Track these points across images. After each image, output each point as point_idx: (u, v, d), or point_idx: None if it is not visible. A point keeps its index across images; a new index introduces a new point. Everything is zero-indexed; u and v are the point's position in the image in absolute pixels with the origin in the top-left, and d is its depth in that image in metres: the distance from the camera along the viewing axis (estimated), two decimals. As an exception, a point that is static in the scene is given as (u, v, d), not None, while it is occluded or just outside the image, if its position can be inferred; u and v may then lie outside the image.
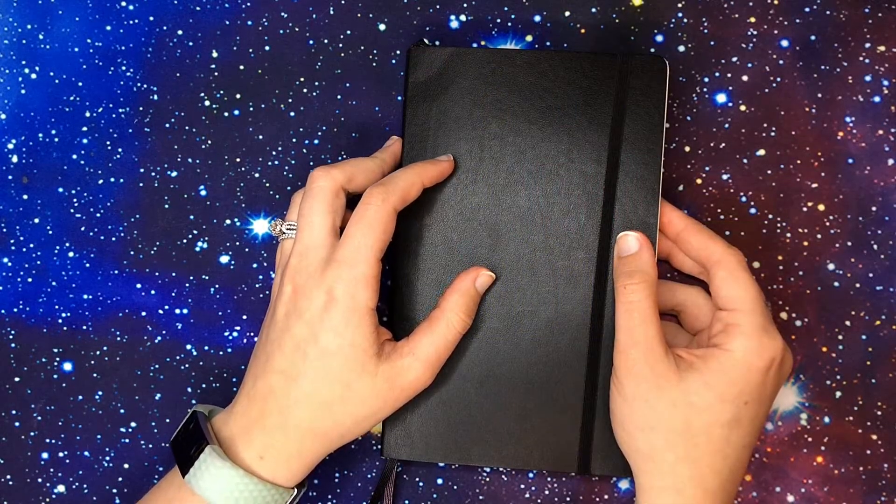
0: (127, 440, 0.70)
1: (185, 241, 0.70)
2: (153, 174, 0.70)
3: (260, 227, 0.70)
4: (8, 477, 0.70)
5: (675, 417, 0.60)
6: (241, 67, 0.71)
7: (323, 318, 0.60)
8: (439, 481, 0.70)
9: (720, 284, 0.62)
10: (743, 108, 0.70)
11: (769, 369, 0.60)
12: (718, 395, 0.59)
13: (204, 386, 0.70)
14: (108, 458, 0.70)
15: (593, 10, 0.70)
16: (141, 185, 0.70)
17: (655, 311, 0.61)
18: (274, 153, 0.70)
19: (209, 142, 0.70)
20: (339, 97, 0.70)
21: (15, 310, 0.70)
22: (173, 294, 0.70)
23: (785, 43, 0.70)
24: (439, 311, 0.63)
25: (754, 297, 0.61)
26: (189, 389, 0.70)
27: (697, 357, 0.61)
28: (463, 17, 0.70)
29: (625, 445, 0.62)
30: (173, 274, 0.70)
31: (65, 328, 0.70)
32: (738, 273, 0.62)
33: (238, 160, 0.70)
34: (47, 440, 0.70)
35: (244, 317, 0.70)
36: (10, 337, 0.70)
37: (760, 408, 0.61)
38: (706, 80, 0.70)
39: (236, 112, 0.71)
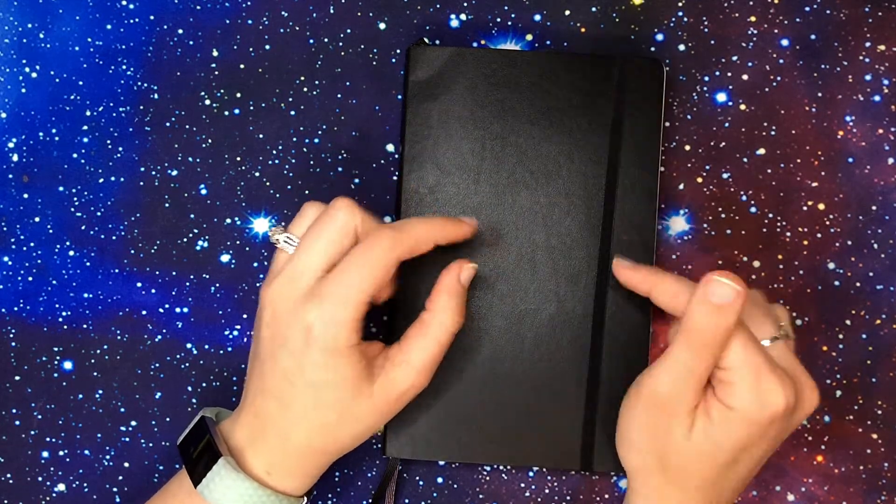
0: (127, 439, 0.70)
1: (185, 239, 0.70)
2: (153, 173, 0.70)
3: (260, 225, 0.70)
4: (8, 475, 0.70)
5: (670, 454, 0.59)
6: (242, 66, 0.71)
7: (305, 353, 0.57)
8: (439, 480, 0.70)
9: None
10: (743, 107, 0.70)
11: (773, 421, 0.57)
12: (715, 444, 0.58)
13: (204, 385, 0.70)
14: (108, 457, 0.70)
15: (593, 9, 0.70)
16: (141, 183, 0.70)
17: (711, 368, 0.57)
18: (274, 152, 0.70)
19: (209, 141, 0.70)
20: (339, 96, 0.70)
21: (15, 308, 0.70)
22: (174, 293, 0.70)
23: (785, 42, 0.70)
24: (429, 314, 0.60)
25: (741, 351, 0.57)
26: (189, 388, 0.70)
27: (705, 405, 0.58)
28: (463, 17, 0.70)
29: (621, 449, 0.62)
30: (174, 273, 0.70)
31: (65, 327, 0.70)
32: None
33: (238, 159, 0.70)
34: (47, 439, 0.70)
35: (244, 316, 0.70)
36: (11, 336, 0.70)
37: (762, 448, 0.59)
38: (706, 78, 0.70)
39: (237, 111, 0.71)
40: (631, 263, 0.63)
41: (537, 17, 0.70)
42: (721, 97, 0.70)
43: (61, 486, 0.70)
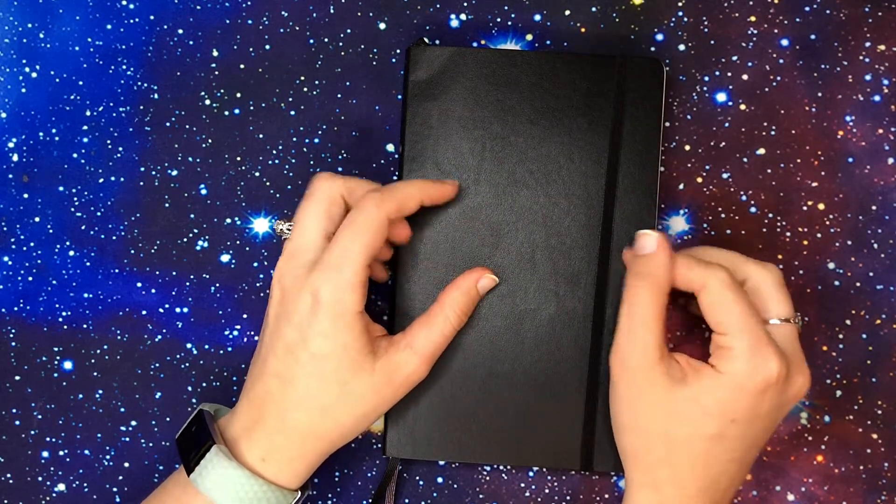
0: (127, 439, 0.70)
1: (185, 239, 0.70)
2: (153, 173, 0.70)
3: (260, 225, 0.70)
4: (8, 475, 0.70)
5: (655, 424, 0.60)
6: (242, 66, 0.71)
7: (311, 322, 0.59)
8: (439, 480, 0.70)
9: (707, 310, 0.60)
10: (743, 106, 0.70)
11: (763, 391, 0.59)
12: (703, 409, 0.59)
13: (204, 385, 0.70)
14: (108, 457, 0.70)
15: (593, 9, 0.70)
16: (141, 183, 0.70)
17: (659, 316, 0.60)
18: (274, 152, 0.70)
19: (209, 140, 0.70)
20: (339, 96, 0.70)
21: (15, 308, 0.70)
22: (174, 293, 0.70)
23: (785, 42, 0.70)
24: (438, 306, 0.63)
25: (741, 318, 0.59)
26: (189, 388, 0.70)
27: (693, 370, 0.60)
28: (463, 17, 0.70)
29: (616, 439, 0.63)
30: (174, 273, 0.70)
31: (65, 327, 0.70)
32: (722, 296, 0.60)
33: (238, 159, 0.70)
34: (48, 439, 0.70)
35: (244, 315, 0.70)
36: (11, 335, 0.70)
37: (751, 426, 0.60)
38: (706, 78, 0.70)
39: (237, 111, 0.71)
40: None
41: (537, 17, 0.70)
42: (721, 97, 0.70)
43: (61, 486, 0.70)
